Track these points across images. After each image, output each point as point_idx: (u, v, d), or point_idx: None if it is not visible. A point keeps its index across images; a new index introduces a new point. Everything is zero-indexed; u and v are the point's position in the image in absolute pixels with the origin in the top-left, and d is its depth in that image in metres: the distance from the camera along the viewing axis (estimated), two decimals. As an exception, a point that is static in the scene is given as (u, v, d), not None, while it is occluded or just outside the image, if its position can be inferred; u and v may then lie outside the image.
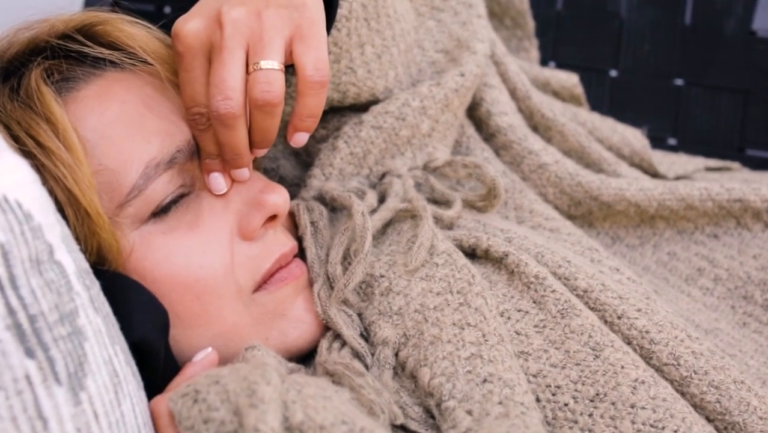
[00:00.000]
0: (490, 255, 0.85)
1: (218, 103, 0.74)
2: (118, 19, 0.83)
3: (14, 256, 0.62)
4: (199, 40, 0.75)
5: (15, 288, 0.62)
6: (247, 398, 0.65)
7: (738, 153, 1.19)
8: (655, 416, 0.73)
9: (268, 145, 0.79)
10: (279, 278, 0.81)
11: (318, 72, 0.75)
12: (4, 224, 0.63)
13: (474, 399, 0.73)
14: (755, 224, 0.98)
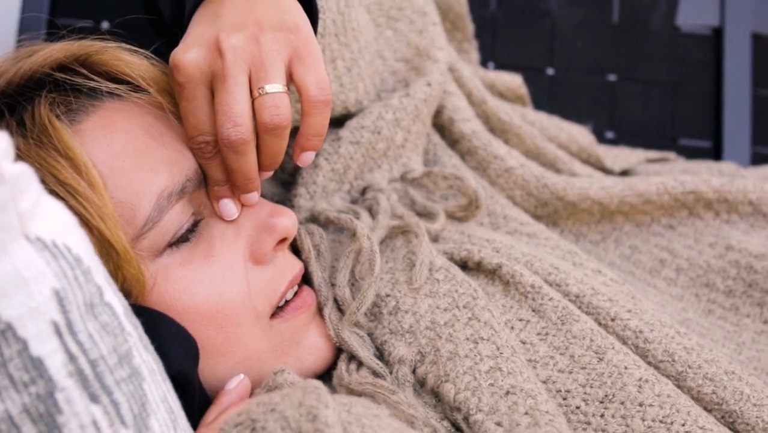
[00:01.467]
0: (483, 267, 0.88)
1: (228, 131, 0.74)
2: (115, 48, 0.82)
3: (70, 301, 0.62)
4: (200, 69, 0.75)
5: (73, 334, 0.62)
6: (310, 423, 0.66)
7: (671, 143, 1.25)
8: (662, 412, 0.78)
9: (275, 168, 0.79)
10: (294, 307, 0.82)
11: (322, 91, 0.76)
12: (58, 270, 0.62)
13: (501, 411, 0.76)
14: (707, 213, 1.04)
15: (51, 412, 0.60)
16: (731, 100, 1.25)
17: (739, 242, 1.00)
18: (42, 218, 0.63)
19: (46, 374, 0.60)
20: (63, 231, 0.64)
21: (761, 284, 0.97)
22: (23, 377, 0.60)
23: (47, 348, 0.61)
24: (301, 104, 0.77)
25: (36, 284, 0.61)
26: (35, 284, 0.61)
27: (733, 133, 1.24)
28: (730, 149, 1.24)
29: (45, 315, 0.61)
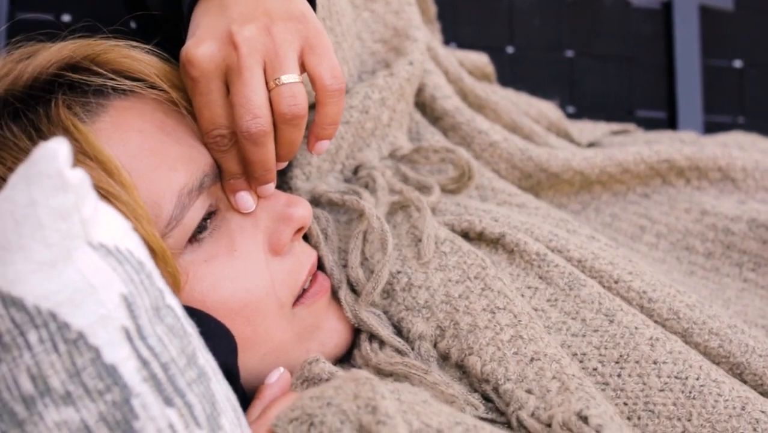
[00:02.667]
0: (485, 237, 0.90)
1: (248, 123, 0.74)
2: (123, 46, 0.80)
3: (138, 306, 0.62)
4: (215, 63, 0.74)
5: (143, 338, 0.61)
6: (370, 415, 0.67)
7: (628, 114, 1.30)
8: (676, 368, 0.82)
9: (291, 157, 0.80)
10: (313, 293, 0.83)
11: (336, 80, 0.77)
12: (124, 275, 0.61)
13: (529, 378, 0.78)
14: (678, 181, 1.08)
15: (128, 418, 0.60)
16: (683, 71, 1.29)
17: (713, 207, 1.04)
18: (101, 223, 0.63)
19: (120, 380, 0.60)
20: (122, 236, 0.64)
21: (738, 245, 1.02)
22: (98, 385, 0.60)
23: (120, 355, 0.60)
24: (315, 94, 0.77)
25: (104, 291, 0.61)
26: (103, 291, 0.61)
27: (686, 103, 1.29)
28: (684, 118, 1.29)
29: (115, 321, 0.60)
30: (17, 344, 0.59)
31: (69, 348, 0.59)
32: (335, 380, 0.72)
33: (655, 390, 0.81)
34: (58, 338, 0.59)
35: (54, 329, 0.59)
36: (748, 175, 1.07)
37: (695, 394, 0.80)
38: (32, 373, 0.59)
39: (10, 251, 0.59)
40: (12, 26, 1.16)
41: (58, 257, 0.60)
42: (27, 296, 0.59)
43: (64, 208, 0.59)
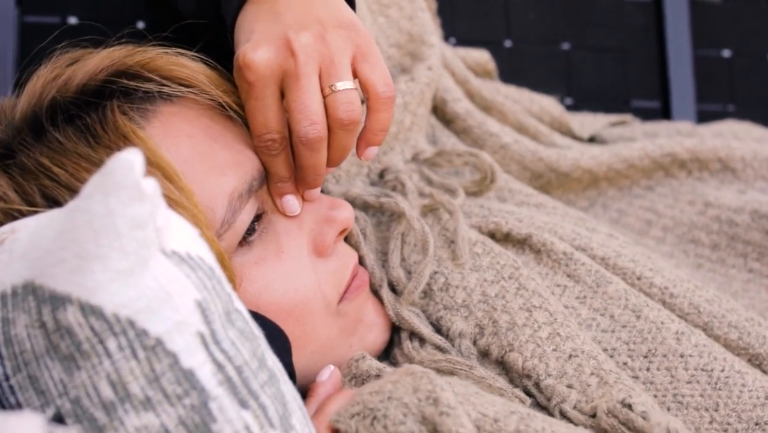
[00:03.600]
0: (512, 237, 0.92)
1: (305, 129, 0.76)
2: (168, 52, 0.81)
3: (211, 311, 0.63)
4: (271, 68, 0.76)
5: (217, 343, 0.63)
6: (432, 407, 0.69)
7: (624, 105, 1.33)
8: (702, 361, 0.85)
9: (341, 162, 0.81)
10: (355, 287, 0.85)
11: (388, 88, 0.78)
12: (197, 281, 0.63)
13: (569, 374, 0.81)
14: (680, 172, 1.12)
15: (206, 421, 0.61)
16: (675, 61, 1.33)
17: (716, 198, 1.07)
18: (173, 231, 0.64)
19: (198, 385, 0.61)
20: (192, 242, 0.65)
21: (742, 236, 1.05)
22: (177, 390, 0.61)
23: (197, 359, 0.62)
24: (367, 101, 0.78)
25: (179, 297, 0.62)
26: (178, 298, 0.62)
27: (679, 92, 1.33)
28: (678, 108, 1.32)
29: (191, 327, 0.62)
30: (96, 352, 0.60)
31: (148, 354, 0.61)
32: (391, 375, 0.74)
33: (683, 382, 0.84)
34: (137, 345, 0.60)
35: (133, 336, 0.60)
36: (747, 165, 1.10)
37: (721, 385, 0.84)
38: (112, 379, 0.61)
39: (88, 260, 0.60)
40: (21, 30, 1.16)
41: (135, 265, 0.61)
42: (106, 304, 0.60)
43: (140, 218, 0.61)
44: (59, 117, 0.77)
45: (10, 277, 0.64)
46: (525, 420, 0.72)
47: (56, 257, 0.61)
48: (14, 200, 0.72)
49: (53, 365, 0.61)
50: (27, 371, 0.62)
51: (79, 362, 0.61)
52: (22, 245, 0.64)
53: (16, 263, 0.64)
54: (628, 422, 0.75)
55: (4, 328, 0.63)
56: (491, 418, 0.71)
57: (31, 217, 0.67)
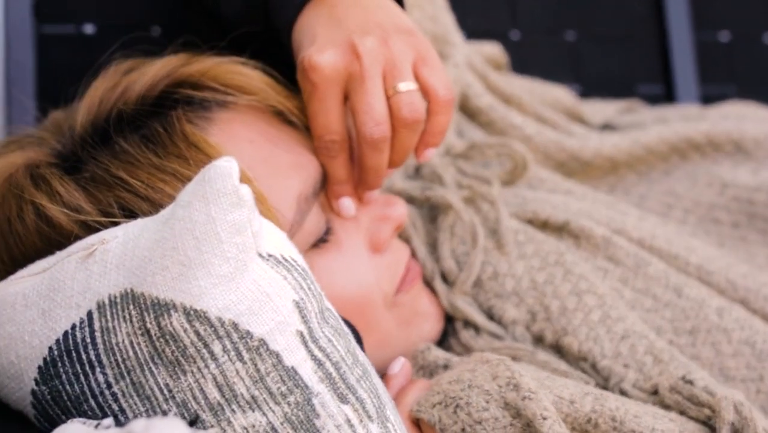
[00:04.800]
0: (550, 224, 0.94)
1: (371, 130, 0.77)
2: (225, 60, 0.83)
3: (309, 311, 0.65)
4: (337, 71, 0.77)
5: (315, 341, 0.65)
6: (514, 392, 0.71)
7: (630, 91, 1.36)
8: (744, 334, 0.88)
9: (403, 163, 0.83)
10: (410, 278, 0.87)
11: (448, 92, 0.80)
12: (294, 282, 0.65)
13: (623, 354, 0.84)
14: (695, 155, 1.14)
15: (310, 417, 0.63)
16: (677, 46, 1.36)
17: (732, 179, 1.10)
18: (266, 235, 0.65)
19: (301, 382, 0.63)
20: (285, 245, 0.67)
21: (761, 214, 1.08)
22: (281, 388, 0.63)
23: (298, 358, 0.64)
24: (428, 104, 0.80)
25: (279, 299, 0.64)
26: (278, 299, 0.64)
27: (682, 76, 1.36)
28: (682, 91, 1.36)
29: (291, 327, 0.64)
30: (202, 356, 0.62)
31: (252, 355, 0.62)
32: (467, 364, 0.76)
33: (728, 356, 0.87)
34: (242, 347, 0.62)
35: (237, 339, 0.62)
36: (759, 146, 1.13)
37: (764, 357, 0.87)
38: (218, 382, 0.62)
39: (191, 267, 0.61)
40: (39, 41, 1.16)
41: (236, 269, 0.62)
42: (210, 308, 0.62)
43: (239, 223, 0.62)
44: (125, 127, 0.78)
45: (106, 287, 0.65)
46: (599, 400, 0.75)
47: (157, 265, 0.62)
48: (91, 212, 0.73)
49: (158, 371, 0.63)
50: (131, 378, 0.64)
51: (185, 366, 0.62)
52: (116, 255, 0.65)
53: (111, 273, 0.65)
54: (693, 398, 0.78)
55: (104, 337, 0.64)
56: (567, 400, 0.74)
57: (118, 228, 0.68)
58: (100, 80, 0.83)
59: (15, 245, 0.76)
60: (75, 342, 0.65)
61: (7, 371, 0.70)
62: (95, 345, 0.64)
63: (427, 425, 0.74)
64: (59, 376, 0.66)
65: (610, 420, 0.74)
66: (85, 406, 0.66)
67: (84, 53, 1.17)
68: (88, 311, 0.65)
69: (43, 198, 0.74)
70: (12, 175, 0.77)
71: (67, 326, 0.66)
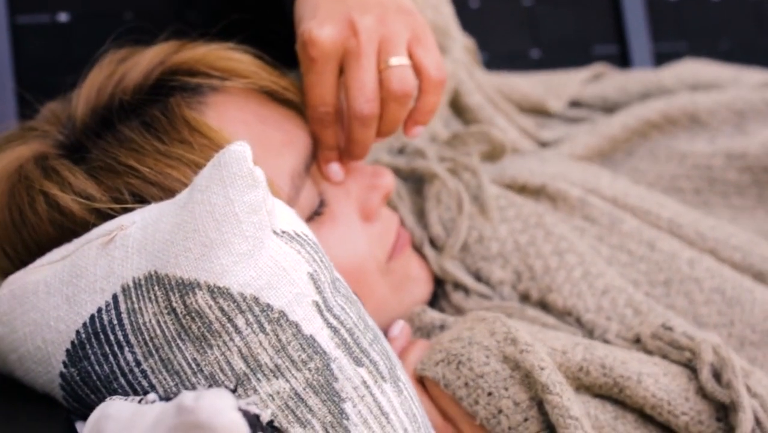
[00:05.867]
0: (528, 188, 0.99)
1: (361, 105, 0.82)
2: (214, 46, 0.86)
3: (322, 282, 0.69)
4: (335, 46, 0.81)
5: (329, 309, 0.69)
6: (512, 346, 0.77)
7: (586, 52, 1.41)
8: (714, 283, 0.94)
9: (391, 135, 0.87)
10: (401, 245, 0.91)
11: (440, 72, 0.84)
12: (307, 256, 0.69)
13: (605, 308, 0.89)
14: (653, 132, 1.15)
15: (329, 381, 0.68)
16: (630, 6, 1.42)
17: (691, 149, 1.14)
18: (278, 212, 0.70)
19: (319, 349, 0.68)
20: (295, 221, 0.71)
21: (720, 178, 1.12)
22: (302, 356, 0.67)
23: (315, 326, 0.68)
24: (419, 83, 0.84)
25: (294, 272, 0.68)
26: (294, 272, 0.68)
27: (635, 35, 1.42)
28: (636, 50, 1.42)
29: (307, 298, 0.68)
30: (227, 330, 0.66)
31: (273, 327, 0.67)
32: (464, 323, 0.81)
33: (700, 304, 0.93)
34: (264, 319, 0.66)
35: (258, 312, 0.66)
36: (713, 115, 1.18)
37: (734, 303, 0.93)
38: (243, 353, 0.66)
39: (213, 247, 0.65)
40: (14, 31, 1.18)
41: (254, 247, 0.66)
42: (233, 285, 0.66)
43: (255, 203, 0.66)
44: (126, 115, 0.81)
45: (130, 270, 0.68)
46: (589, 349, 0.80)
47: (180, 247, 0.66)
48: (103, 199, 0.76)
49: (185, 347, 0.67)
50: (159, 355, 0.68)
51: (211, 340, 0.66)
52: (136, 240, 0.69)
53: (133, 257, 0.69)
54: (673, 342, 0.84)
55: (131, 318, 0.68)
56: (560, 351, 0.79)
57: (134, 213, 0.72)
58: (96, 70, 0.85)
59: (28, 234, 0.79)
60: (102, 324, 0.69)
61: (34, 356, 0.73)
62: (122, 326, 0.68)
63: (432, 382, 0.79)
64: (88, 357, 0.70)
65: (600, 367, 0.79)
66: (115, 384, 0.69)
67: (60, 41, 1.20)
68: (113, 294, 0.69)
69: (54, 188, 0.77)
70: (21, 167, 0.80)
71: (93, 310, 0.69)
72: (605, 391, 0.80)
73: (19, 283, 0.75)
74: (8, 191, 0.79)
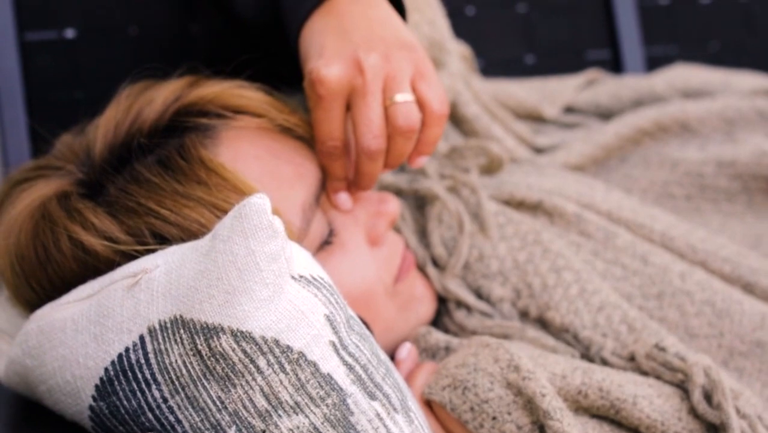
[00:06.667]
0: (526, 204, 1.03)
1: (370, 141, 0.85)
2: (226, 84, 0.89)
3: (338, 322, 0.74)
4: (341, 84, 0.85)
5: (345, 348, 0.73)
6: (515, 373, 0.81)
7: (579, 57, 1.45)
8: (705, 295, 0.98)
9: (397, 167, 0.91)
10: (406, 267, 0.96)
11: (442, 106, 0.88)
12: (324, 298, 0.73)
13: (601, 324, 0.94)
14: (646, 139, 1.19)
15: (345, 415, 0.72)
16: (622, 11, 1.45)
17: (682, 156, 1.18)
18: (295, 257, 0.74)
19: (336, 385, 0.72)
20: (311, 265, 0.75)
21: (711, 184, 1.16)
22: (320, 393, 0.71)
23: (332, 364, 0.72)
24: (423, 116, 0.87)
25: (312, 315, 0.72)
26: (311, 315, 0.72)
27: (627, 40, 1.46)
28: (628, 54, 1.45)
29: (324, 338, 0.72)
30: (249, 370, 0.70)
31: (293, 366, 0.71)
32: (468, 348, 0.86)
33: (691, 316, 0.97)
34: (284, 360, 0.70)
35: (279, 353, 0.70)
36: (703, 123, 1.21)
37: (723, 314, 0.97)
38: (265, 392, 0.71)
39: (236, 294, 0.70)
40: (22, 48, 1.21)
41: (274, 293, 0.71)
42: (255, 329, 0.70)
43: (275, 252, 0.70)
44: (143, 155, 0.84)
45: (155, 313, 0.72)
46: (587, 373, 0.85)
47: (204, 294, 0.70)
48: (128, 241, 0.80)
49: (210, 386, 0.71)
50: (185, 392, 0.72)
51: (234, 380, 0.71)
52: (161, 283, 0.73)
53: (159, 300, 0.73)
54: (666, 364, 0.88)
55: (157, 358, 0.72)
56: (560, 375, 0.84)
57: (156, 255, 0.76)
58: (113, 106, 0.89)
59: (53, 270, 0.83)
60: (130, 363, 0.73)
61: (63, 388, 0.77)
62: (149, 365, 0.72)
63: (439, 406, 0.84)
64: (116, 393, 0.74)
65: (598, 390, 0.84)
66: (142, 418, 0.74)
67: (67, 57, 1.23)
68: (140, 335, 0.73)
69: (78, 228, 0.81)
70: (44, 205, 0.83)
71: (121, 349, 0.74)
72: (602, 412, 0.85)
73: (47, 319, 0.79)
74: (33, 230, 0.83)
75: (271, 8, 0.94)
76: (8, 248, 0.84)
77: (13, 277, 0.84)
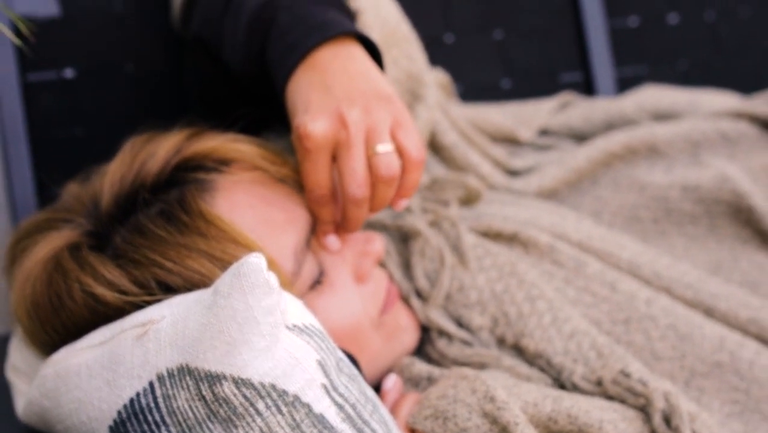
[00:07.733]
0: (503, 235, 1.11)
1: (355, 190, 0.92)
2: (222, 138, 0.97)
3: (328, 366, 0.81)
4: (327, 139, 0.91)
5: (335, 389, 0.81)
6: (491, 403, 0.89)
7: (553, 80, 1.52)
8: (668, 320, 1.06)
9: (380, 211, 0.98)
10: (391, 300, 1.03)
11: (420, 153, 0.94)
12: (315, 345, 0.81)
13: (572, 351, 1.01)
14: (616, 162, 1.26)
15: (337, 451, 0.80)
16: (593, 34, 1.53)
17: (650, 180, 1.24)
18: (289, 309, 0.81)
19: (328, 424, 0.80)
20: (303, 314, 0.83)
21: (676, 208, 1.22)
22: (313, 431, 0.79)
23: (324, 405, 0.80)
24: (403, 163, 0.94)
25: (305, 361, 0.79)
26: (305, 361, 0.79)
27: (599, 62, 1.53)
28: (600, 76, 1.53)
29: (317, 381, 0.80)
30: (249, 413, 0.78)
31: (289, 408, 0.78)
32: (448, 380, 0.93)
33: (656, 340, 1.05)
34: (281, 403, 0.78)
35: (276, 397, 0.78)
36: (671, 145, 1.28)
37: (686, 338, 1.04)
38: (264, 431, 0.78)
39: (236, 345, 0.77)
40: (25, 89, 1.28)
41: (271, 342, 0.78)
42: (253, 376, 0.77)
43: (271, 306, 0.78)
44: (147, 208, 0.92)
45: (163, 361, 0.80)
46: (557, 401, 0.93)
47: (207, 345, 0.77)
48: (136, 292, 0.87)
49: (214, 427, 0.79)
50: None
51: (236, 422, 0.78)
52: (168, 334, 0.80)
53: (166, 350, 0.80)
54: (630, 389, 0.96)
55: (166, 402, 0.80)
56: (532, 403, 0.92)
57: (162, 305, 0.83)
58: (119, 159, 0.96)
59: (66, 317, 0.90)
60: (141, 407, 0.81)
61: (79, 428, 0.85)
62: (159, 409, 0.80)
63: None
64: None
65: (567, 417, 0.92)
66: (153, 456, 0.81)
67: (67, 95, 1.30)
68: (149, 381, 0.80)
69: (90, 280, 0.88)
70: (56, 256, 0.91)
71: (132, 394, 0.81)
72: (571, 436, 0.93)
73: (63, 364, 0.86)
74: (47, 279, 0.90)
75: (257, 61, 1.00)
76: (24, 297, 0.91)
77: (30, 323, 0.92)
